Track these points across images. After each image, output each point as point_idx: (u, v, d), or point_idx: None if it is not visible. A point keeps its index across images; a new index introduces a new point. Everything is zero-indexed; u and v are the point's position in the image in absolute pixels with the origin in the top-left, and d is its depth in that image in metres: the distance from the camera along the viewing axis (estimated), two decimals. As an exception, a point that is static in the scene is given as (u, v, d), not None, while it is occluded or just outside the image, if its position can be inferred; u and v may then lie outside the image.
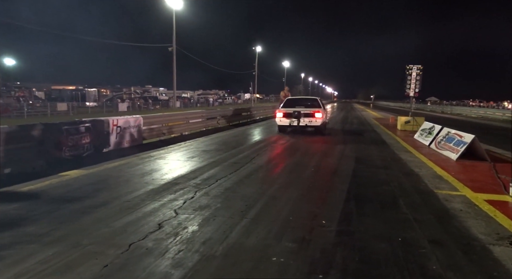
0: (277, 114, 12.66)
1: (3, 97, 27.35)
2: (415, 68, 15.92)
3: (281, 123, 12.57)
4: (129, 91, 54.64)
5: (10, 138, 6.14)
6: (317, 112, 12.18)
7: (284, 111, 12.50)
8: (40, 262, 2.85)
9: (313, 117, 12.06)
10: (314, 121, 12.07)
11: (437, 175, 6.34)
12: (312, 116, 12.08)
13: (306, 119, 12.08)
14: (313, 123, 12.14)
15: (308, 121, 12.08)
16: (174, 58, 34.92)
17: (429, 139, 10.47)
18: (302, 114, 12.13)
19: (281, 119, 12.46)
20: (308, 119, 12.08)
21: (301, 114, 12.12)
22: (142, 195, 4.82)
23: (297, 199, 4.79)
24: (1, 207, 4.23)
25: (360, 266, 2.87)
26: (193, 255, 3.03)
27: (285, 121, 12.37)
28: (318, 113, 12.15)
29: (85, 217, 3.92)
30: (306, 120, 12.08)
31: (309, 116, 12.09)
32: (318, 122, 12.15)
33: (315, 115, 12.08)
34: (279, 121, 12.51)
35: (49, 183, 5.42)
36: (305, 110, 12.28)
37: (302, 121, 12.12)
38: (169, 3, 33.75)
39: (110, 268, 2.78)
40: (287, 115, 12.31)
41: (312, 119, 12.06)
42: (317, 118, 12.07)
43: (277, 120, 12.60)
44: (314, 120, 12.06)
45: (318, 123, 12.16)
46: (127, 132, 9.32)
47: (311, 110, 12.27)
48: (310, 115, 12.11)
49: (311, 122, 12.09)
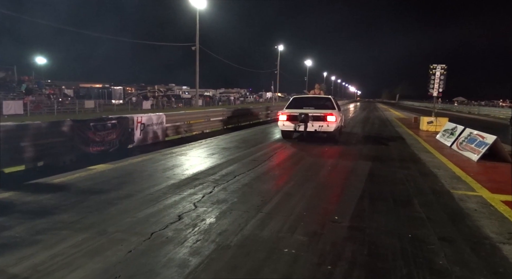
0: (279, 117, 10.48)
1: (35, 95, 28.62)
2: (439, 67, 15.61)
3: (284, 128, 10.42)
4: (153, 89, 55.84)
5: (43, 133, 6.55)
6: (329, 114, 9.94)
7: (288, 113, 10.31)
8: (71, 246, 3.13)
9: (325, 121, 9.90)
10: (326, 126, 9.89)
11: (455, 176, 6.31)
12: (323, 119, 9.91)
13: (316, 123, 9.93)
14: (324, 129, 9.94)
15: (318, 126, 9.92)
16: (197, 57, 35.48)
17: (451, 140, 10.33)
18: (310, 117, 9.95)
19: (285, 123, 10.29)
20: (318, 123, 9.93)
21: (309, 117, 9.94)
22: (164, 188, 5.08)
23: (312, 196, 4.92)
24: (36, 197, 4.58)
25: (368, 259, 3.00)
26: (209, 244, 3.24)
27: (289, 125, 10.22)
28: (331, 116, 9.93)
29: (111, 208, 4.20)
30: (315, 125, 9.94)
31: (320, 119, 9.94)
32: (331, 127, 9.92)
33: (327, 119, 9.90)
34: (282, 125, 10.37)
35: (78, 176, 5.77)
36: (315, 112, 10.03)
37: (311, 126, 9.96)
38: (193, 3, 34.34)
39: (134, 253, 3.02)
40: (292, 118, 10.15)
41: (323, 124, 9.89)
42: (329, 122, 9.90)
43: (280, 124, 10.46)
44: (326, 124, 9.89)
45: (330, 128, 9.93)
46: (151, 129, 9.67)
47: (322, 113, 10.01)
48: (321, 118, 9.94)
49: (322, 127, 9.91)
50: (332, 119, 9.92)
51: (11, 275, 2.62)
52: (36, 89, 31.44)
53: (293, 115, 10.17)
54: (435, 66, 15.62)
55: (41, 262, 2.81)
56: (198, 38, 35.04)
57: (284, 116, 10.33)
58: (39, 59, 46.01)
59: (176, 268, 2.79)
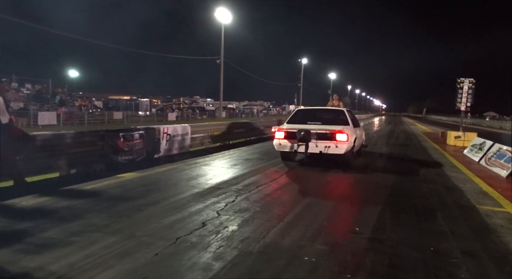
0: (275, 134, 8.23)
1: (68, 106, 29.96)
2: (466, 81, 15.33)
3: (281, 149, 8.22)
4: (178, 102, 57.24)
5: (76, 142, 6.93)
6: (339, 132, 7.58)
7: (286, 129, 8.09)
8: (103, 247, 3.32)
9: (333, 140, 7.57)
10: (334, 146, 7.54)
11: (482, 191, 6.18)
12: (331, 138, 7.59)
13: (321, 143, 7.62)
14: (332, 150, 7.58)
15: (324, 147, 7.60)
16: (221, 70, 36.27)
17: (479, 155, 10.07)
18: (313, 135, 7.66)
19: (281, 142, 8.08)
20: (324, 143, 7.61)
21: (311, 134, 7.65)
22: (188, 197, 5.26)
23: (333, 207, 4.97)
24: (70, 202, 4.85)
25: (388, 270, 3.02)
26: (232, 250, 3.35)
27: (286, 145, 8.01)
28: (341, 135, 7.56)
29: (139, 214, 4.40)
30: (320, 145, 7.62)
31: (326, 138, 7.63)
32: (341, 149, 7.53)
33: (335, 137, 7.56)
34: (278, 144, 8.15)
35: (108, 183, 6.05)
36: (320, 129, 7.76)
37: (314, 147, 7.69)
38: (218, 18, 35.31)
39: (160, 256, 3.18)
40: (291, 136, 7.90)
41: (331, 144, 7.56)
42: (338, 142, 7.53)
43: (275, 143, 8.19)
44: (334, 145, 7.54)
45: (340, 150, 7.53)
46: (176, 140, 9.98)
47: (329, 129, 7.70)
48: (328, 136, 7.63)
49: (329, 148, 7.58)
50: (343, 138, 7.55)
51: (50, 272, 2.82)
52: (69, 101, 32.90)
53: (291, 132, 7.91)
54: (462, 80, 15.35)
55: (76, 261, 3.01)
56: (222, 52, 35.86)
57: (280, 133, 8.11)
58: (72, 72, 48.23)
59: (200, 271, 2.92)
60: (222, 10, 34.99)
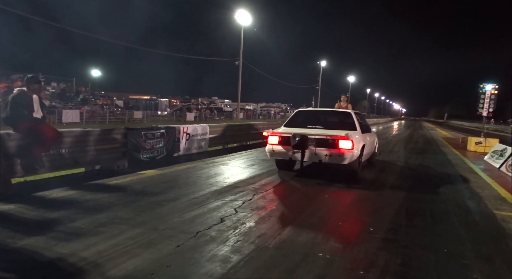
0: (268, 139, 7.06)
1: (90, 105, 30.86)
2: (489, 86, 15.06)
3: (275, 156, 7.19)
4: (196, 102, 57.90)
5: (100, 139, 7.21)
6: (342, 138, 6.43)
7: (280, 133, 6.97)
8: (128, 238, 3.53)
9: (335, 148, 6.46)
10: (336, 155, 6.45)
11: (500, 197, 6.14)
12: (333, 145, 6.48)
13: (321, 150, 6.52)
14: (334, 160, 6.51)
15: (325, 155, 6.50)
16: (240, 71, 36.57)
17: (500, 162, 9.91)
18: (312, 141, 6.55)
19: (275, 149, 6.93)
20: (324, 150, 6.51)
21: (308, 140, 6.52)
22: (207, 194, 5.45)
23: (348, 207, 5.06)
24: (95, 195, 5.12)
25: (400, 268, 3.12)
26: (249, 245, 3.51)
27: (281, 152, 6.89)
28: (345, 141, 6.43)
29: (160, 208, 4.61)
30: (320, 153, 6.53)
31: (327, 145, 6.52)
32: (344, 158, 6.45)
33: (338, 144, 6.45)
34: (271, 151, 7.01)
35: (130, 179, 6.31)
36: (320, 134, 6.63)
37: (313, 155, 6.60)
38: (238, 20, 35.66)
39: (182, 248, 3.36)
40: (286, 142, 6.72)
41: (333, 152, 6.47)
42: (341, 150, 6.43)
43: (268, 149, 7.05)
44: (336, 153, 6.44)
45: (343, 159, 6.46)
46: (195, 139, 10.22)
47: (330, 135, 6.58)
48: (329, 143, 6.51)
49: (330, 156, 6.49)
50: (347, 145, 6.43)
51: (81, 257, 3.05)
52: (91, 100, 33.87)
53: (287, 136, 6.73)
54: (484, 85, 15.08)
55: (105, 249, 3.22)
56: (241, 54, 36.17)
57: (274, 137, 6.94)
58: (94, 72, 49.61)
59: (219, 262, 3.08)
60: (242, 12, 35.34)
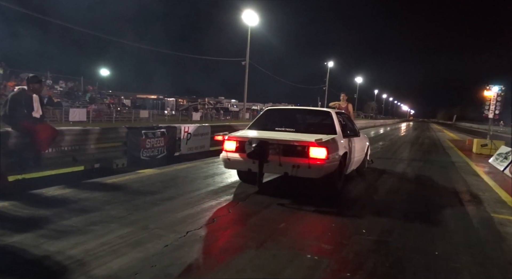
0: (224, 145, 5.59)
1: (97, 104, 31.09)
2: (496, 87, 14.87)
3: (231, 167, 5.77)
4: (203, 102, 58.00)
5: (100, 138, 7.26)
6: (313, 145, 5.03)
7: (237, 138, 5.51)
8: (118, 237, 3.54)
9: (304, 158, 5.06)
10: (306, 167, 5.04)
11: (500, 200, 6.04)
12: (302, 154, 5.09)
13: (286, 160, 5.15)
14: (302, 173, 5.11)
15: (292, 166, 5.10)
16: (246, 72, 36.52)
17: (504, 164, 9.77)
18: (275, 149, 5.19)
19: (231, 157, 5.51)
20: (290, 160, 5.13)
21: (267, 147, 5.11)
22: (203, 194, 5.44)
23: (342, 209, 5.01)
24: (91, 194, 5.15)
25: (388, 271, 3.08)
26: (237, 245, 3.49)
27: (239, 161, 5.45)
28: (318, 149, 5.04)
29: (154, 208, 4.61)
30: (285, 164, 5.15)
31: (295, 153, 5.14)
32: (315, 170, 5.06)
33: (309, 153, 5.06)
34: (227, 160, 5.55)
35: (128, 178, 6.34)
36: (286, 140, 5.31)
37: (277, 166, 5.19)
38: (245, 20, 35.66)
39: (170, 247, 3.36)
40: (243, 148, 5.28)
41: (301, 162, 5.07)
42: (312, 159, 5.04)
43: (223, 157, 5.58)
44: (306, 164, 5.04)
45: (314, 172, 5.07)
46: (197, 139, 10.23)
47: (298, 140, 5.23)
48: (297, 151, 5.13)
49: (298, 168, 5.08)
50: (320, 154, 5.04)
51: (68, 256, 3.06)
52: (99, 99, 34.14)
53: (243, 141, 5.37)
54: (491, 86, 14.91)
55: (92, 248, 3.23)
56: (248, 54, 36.11)
57: (231, 143, 5.53)
58: (103, 71, 50.02)
59: (206, 262, 3.07)
60: (249, 12, 35.31)
